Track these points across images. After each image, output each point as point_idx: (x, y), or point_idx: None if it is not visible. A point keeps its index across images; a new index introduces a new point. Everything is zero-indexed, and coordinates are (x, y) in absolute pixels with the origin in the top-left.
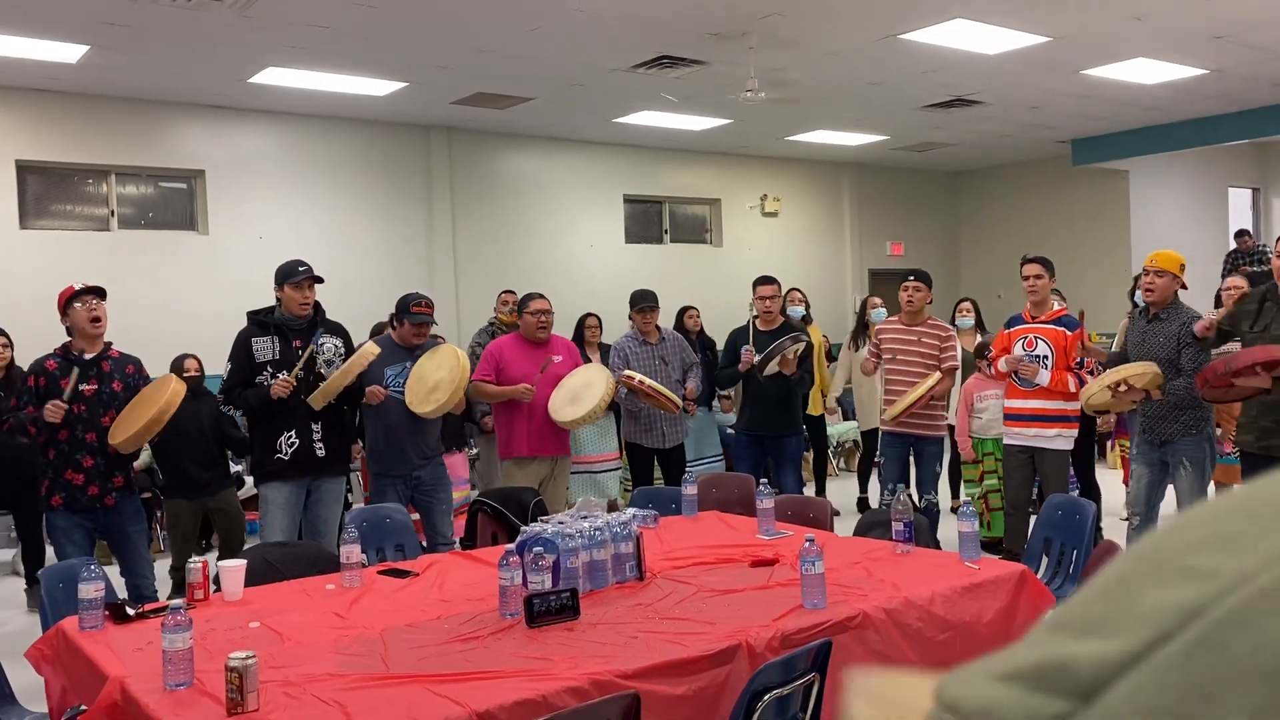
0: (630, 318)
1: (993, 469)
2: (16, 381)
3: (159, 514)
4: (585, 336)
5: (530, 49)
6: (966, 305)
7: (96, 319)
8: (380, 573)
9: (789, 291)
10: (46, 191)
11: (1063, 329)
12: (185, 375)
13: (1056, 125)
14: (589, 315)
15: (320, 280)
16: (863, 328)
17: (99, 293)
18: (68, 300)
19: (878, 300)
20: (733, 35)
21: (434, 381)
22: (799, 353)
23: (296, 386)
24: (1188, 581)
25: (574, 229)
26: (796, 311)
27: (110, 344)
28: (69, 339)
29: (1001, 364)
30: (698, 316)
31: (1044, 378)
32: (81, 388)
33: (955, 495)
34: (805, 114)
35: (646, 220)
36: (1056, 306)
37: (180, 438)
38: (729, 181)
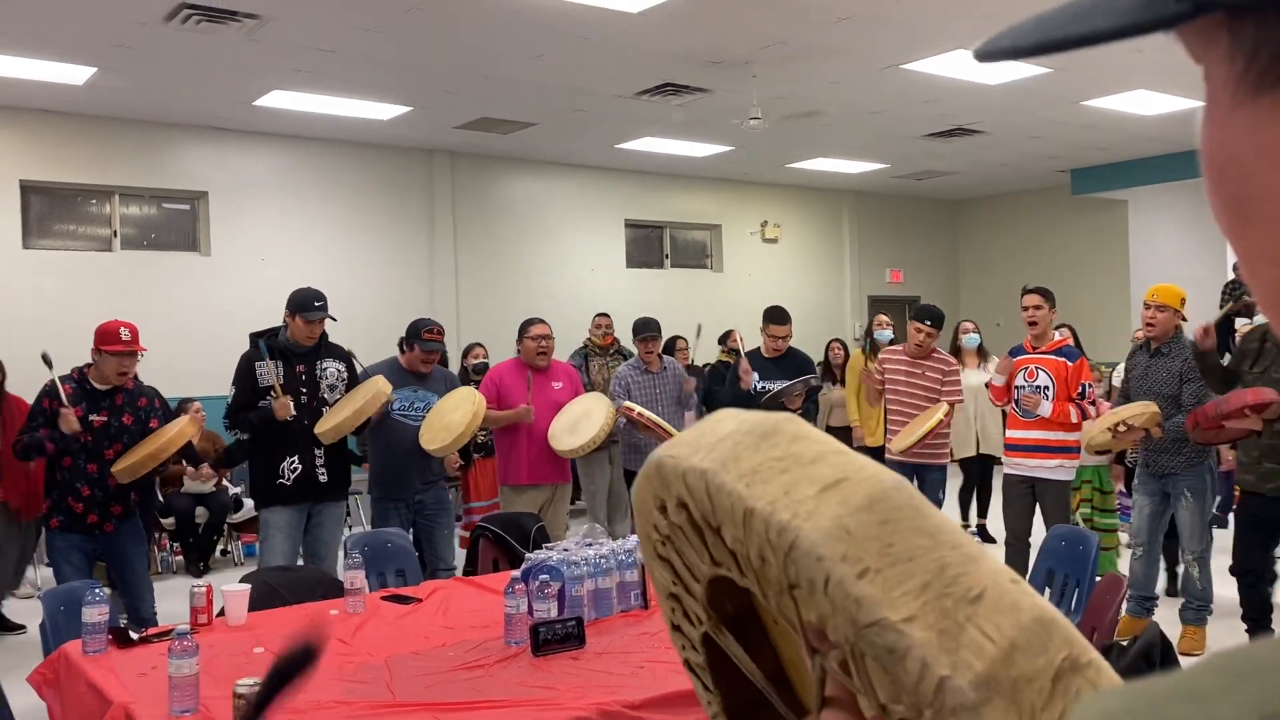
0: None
1: (1089, 496)
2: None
3: (158, 535)
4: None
5: (534, 75)
6: (968, 325)
7: (122, 374)
8: (384, 598)
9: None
10: (50, 211)
11: (1064, 360)
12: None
13: (1056, 155)
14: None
15: (334, 319)
16: (954, 354)
17: (134, 355)
18: (107, 347)
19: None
20: (736, 64)
21: (447, 422)
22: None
23: (302, 413)
24: None
25: (575, 253)
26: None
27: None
28: (88, 365)
29: (995, 377)
30: (841, 349)
31: (1045, 409)
32: (90, 418)
33: (964, 517)
34: (806, 142)
35: (648, 245)
36: (1058, 337)
37: None
38: (730, 207)
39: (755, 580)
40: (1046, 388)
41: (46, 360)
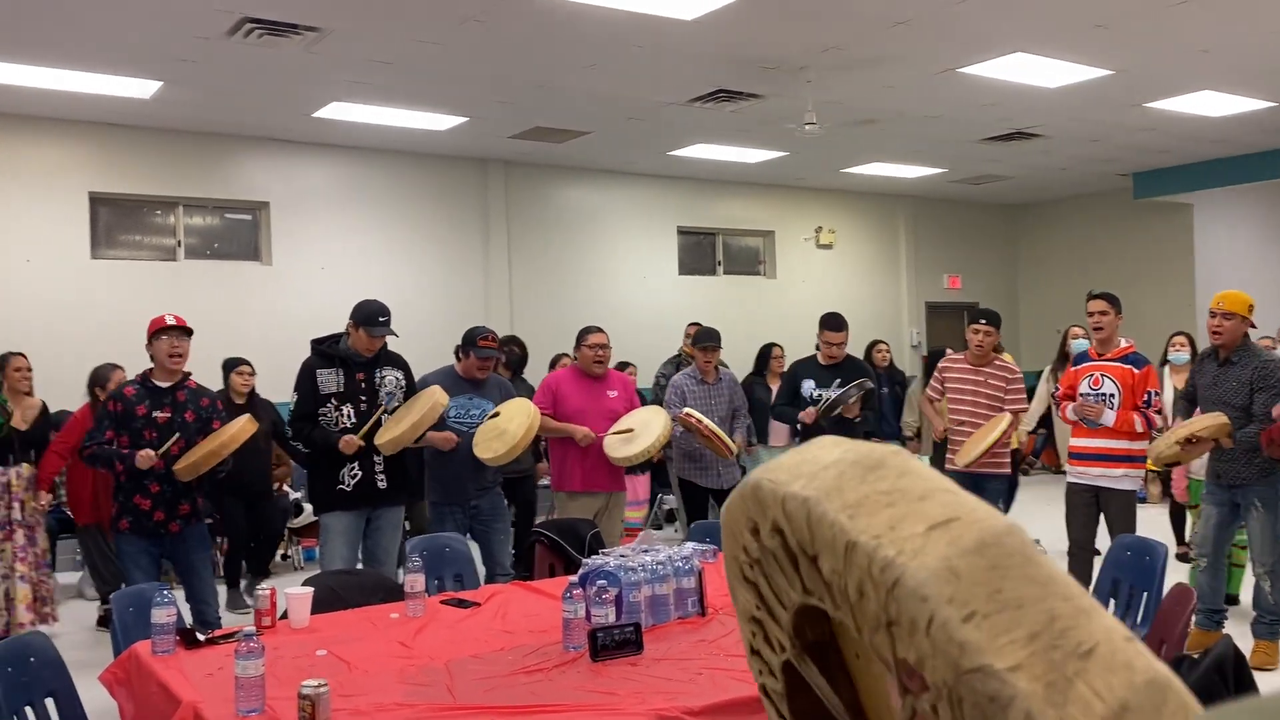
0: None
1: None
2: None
3: (219, 540)
4: (770, 366)
5: (588, 84)
6: (1182, 339)
7: (176, 355)
8: (443, 602)
9: (1069, 328)
10: (117, 222)
11: (1130, 367)
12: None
13: (1118, 158)
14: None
15: (396, 335)
16: (1063, 360)
17: (186, 331)
18: (155, 332)
19: (1079, 330)
20: (790, 69)
21: (501, 430)
22: (861, 397)
23: (361, 420)
24: None
25: (628, 261)
26: (1081, 345)
27: (189, 374)
28: (150, 367)
29: (1070, 413)
30: (886, 351)
31: (1109, 418)
32: (155, 415)
33: None
34: (862, 147)
35: (700, 252)
36: (1124, 343)
37: None
38: (783, 213)
39: (850, 613)
40: (1112, 395)
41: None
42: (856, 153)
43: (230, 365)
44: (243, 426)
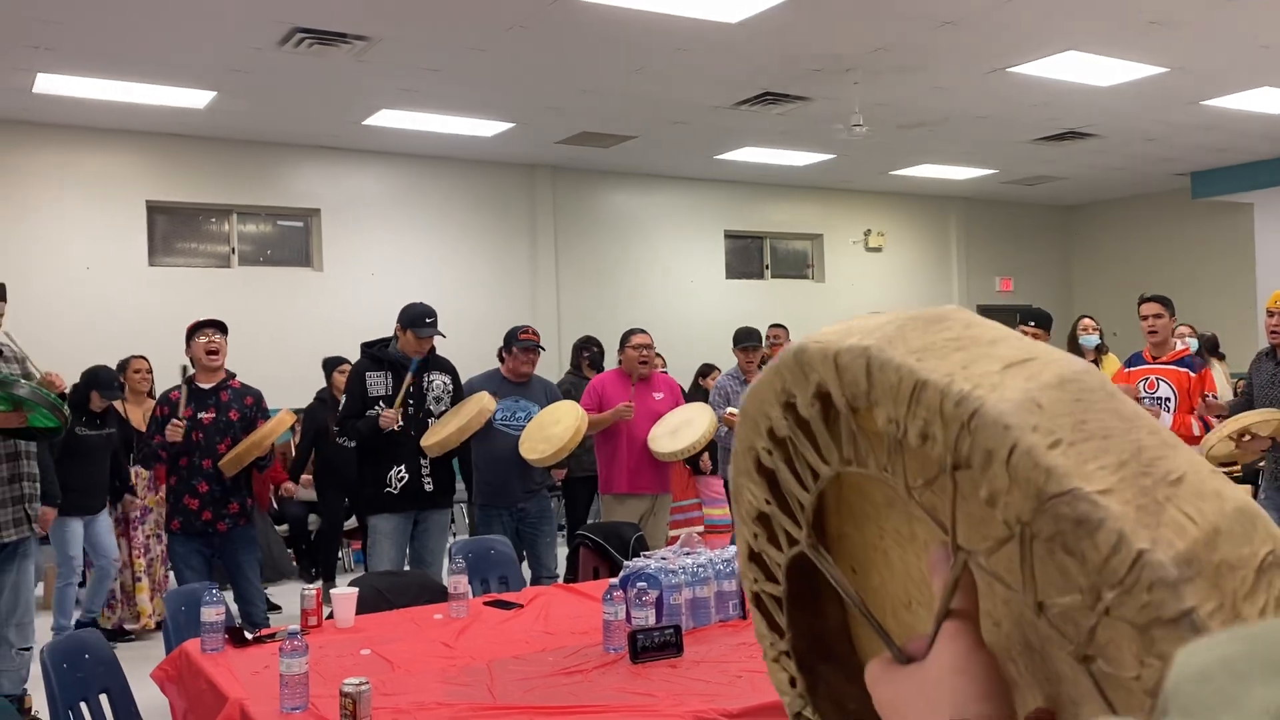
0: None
1: None
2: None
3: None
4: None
5: (634, 88)
6: (1088, 322)
7: (212, 351)
8: (486, 604)
9: (1080, 319)
10: (173, 230)
11: (1186, 370)
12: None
13: (1174, 157)
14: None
15: (443, 336)
16: (1074, 350)
17: (220, 327)
18: (190, 332)
19: (1090, 322)
20: (837, 71)
21: (548, 434)
22: None
23: (408, 423)
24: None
25: (674, 265)
26: (1090, 341)
27: (232, 375)
28: (192, 370)
29: None
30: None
31: (1165, 421)
32: (200, 416)
33: None
34: (911, 148)
35: (747, 256)
36: (1180, 346)
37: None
38: (832, 216)
39: (901, 469)
40: (1167, 399)
41: (186, 376)
42: (906, 154)
43: (332, 364)
44: (281, 418)
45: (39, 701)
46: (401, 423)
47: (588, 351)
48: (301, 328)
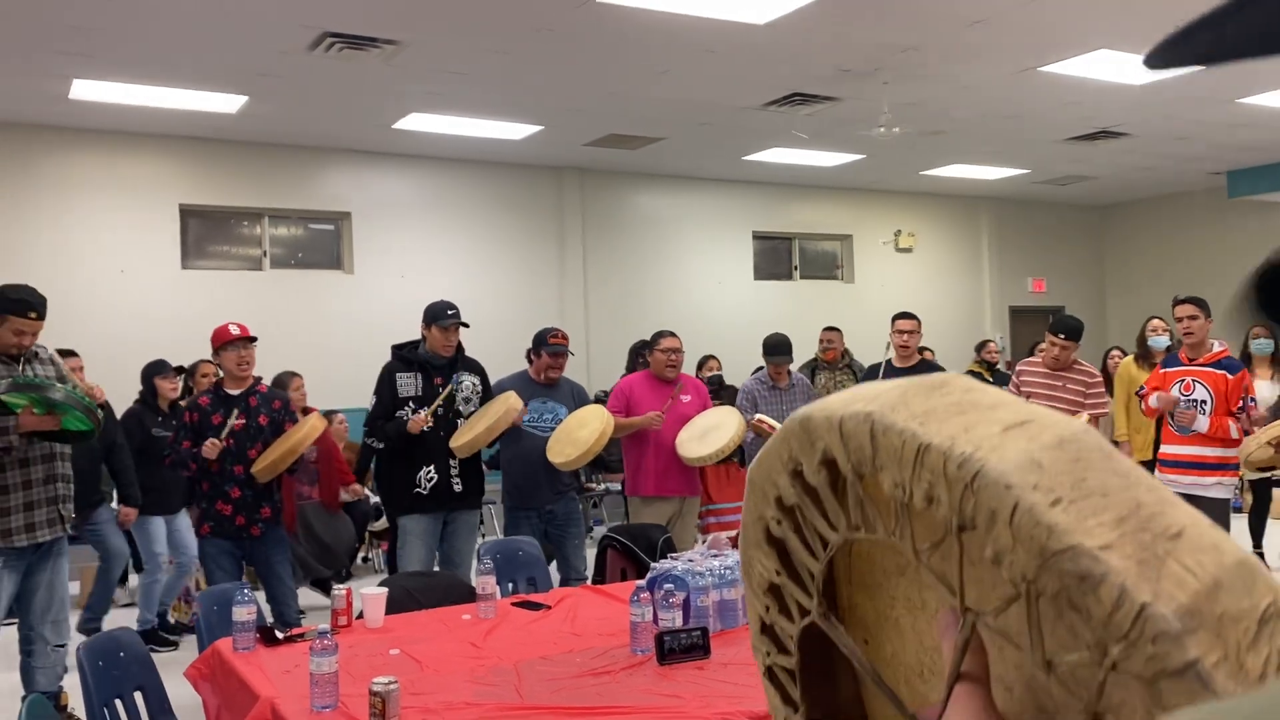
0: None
1: None
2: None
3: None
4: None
5: (661, 90)
6: (1158, 322)
7: (245, 364)
8: (514, 604)
9: (1150, 320)
10: (206, 233)
11: (1223, 372)
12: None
13: (1209, 156)
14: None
15: (467, 325)
16: (1144, 350)
17: (250, 340)
18: (221, 345)
19: (1159, 323)
20: (865, 71)
21: (575, 437)
22: None
23: (437, 424)
24: None
25: (702, 266)
26: (1160, 341)
27: (259, 379)
28: (221, 377)
29: (1153, 400)
30: (996, 350)
31: (1202, 424)
32: (231, 423)
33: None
34: (941, 148)
35: (776, 257)
36: (1217, 348)
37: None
38: (861, 217)
39: (909, 534)
40: (1204, 402)
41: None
42: (936, 155)
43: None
44: (313, 424)
45: (75, 699)
46: (430, 424)
47: (643, 356)
48: (332, 330)
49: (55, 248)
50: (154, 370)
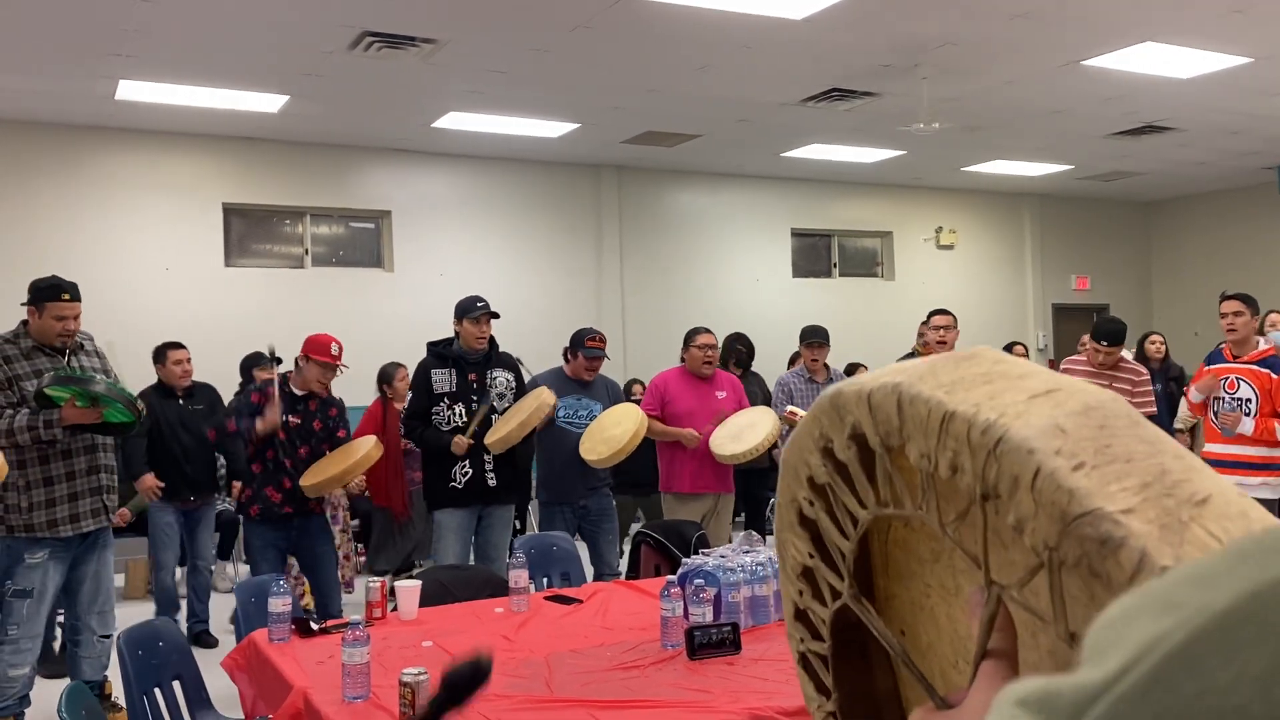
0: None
1: None
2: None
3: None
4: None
5: (699, 87)
6: (1277, 317)
7: (323, 383)
8: (546, 598)
9: (1268, 314)
10: (249, 231)
11: (1269, 371)
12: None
13: (1260, 150)
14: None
15: (496, 316)
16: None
17: (338, 369)
18: (314, 357)
19: (1278, 316)
20: (905, 66)
21: (608, 435)
22: None
23: (471, 419)
24: (1165, 613)
25: (740, 263)
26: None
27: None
28: (291, 370)
29: (1194, 394)
30: (1161, 343)
31: (1247, 425)
32: (288, 418)
33: None
34: (983, 144)
35: (815, 254)
36: (1263, 345)
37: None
38: (901, 214)
39: (935, 506)
40: (1249, 400)
41: (273, 355)
42: (977, 151)
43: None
44: (368, 452)
45: (117, 688)
46: (472, 443)
47: (734, 352)
48: (373, 327)
49: (101, 246)
50: (252, 362)
